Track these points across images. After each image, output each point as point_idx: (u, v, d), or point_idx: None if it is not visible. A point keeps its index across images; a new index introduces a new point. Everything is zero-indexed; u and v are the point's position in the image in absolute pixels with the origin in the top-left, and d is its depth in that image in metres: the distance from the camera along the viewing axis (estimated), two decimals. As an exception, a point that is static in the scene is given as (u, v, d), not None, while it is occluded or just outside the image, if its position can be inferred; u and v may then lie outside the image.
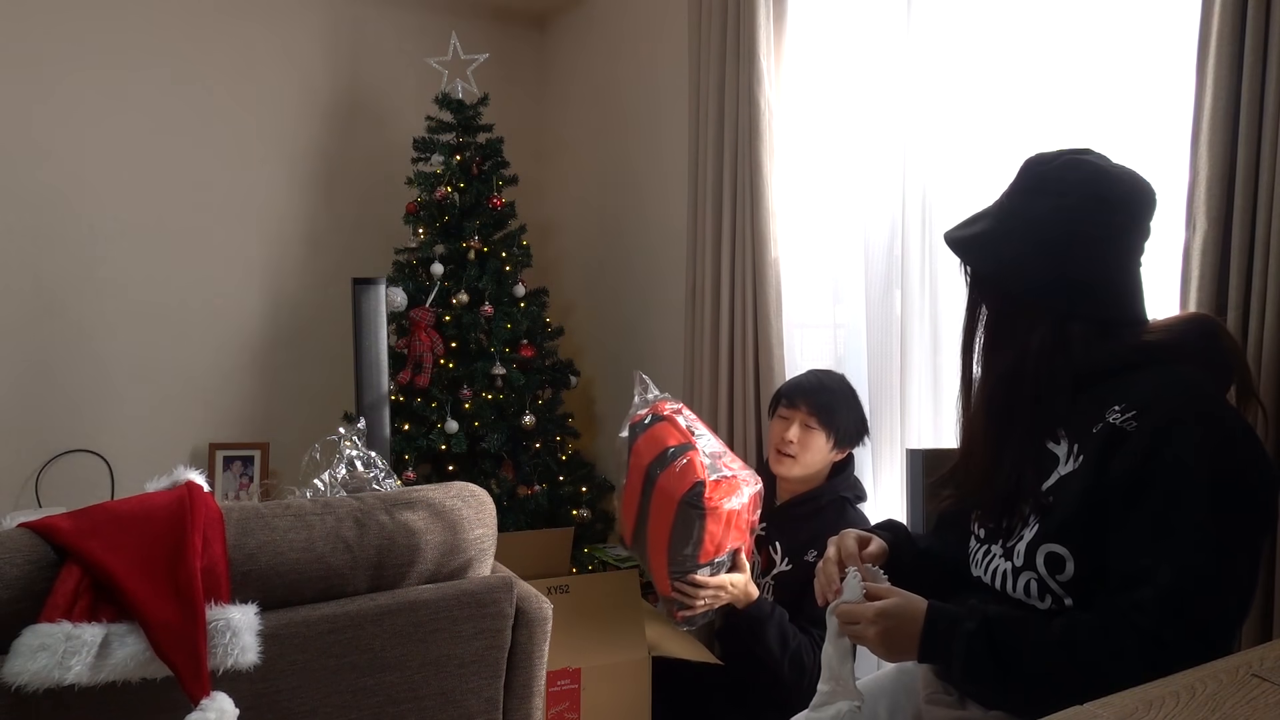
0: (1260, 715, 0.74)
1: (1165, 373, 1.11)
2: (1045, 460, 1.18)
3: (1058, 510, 1.13)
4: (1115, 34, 1.80)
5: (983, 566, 1.25)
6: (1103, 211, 1.17)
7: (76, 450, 3.27)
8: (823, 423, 2.03)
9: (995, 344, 1.24)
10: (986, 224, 1.25)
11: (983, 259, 1.25)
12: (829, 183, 2.48)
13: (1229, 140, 1.51)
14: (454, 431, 3.04)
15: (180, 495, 1.24)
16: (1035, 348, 1.18)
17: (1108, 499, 1.08)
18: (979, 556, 1.27)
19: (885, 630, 1.15)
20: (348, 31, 3.68)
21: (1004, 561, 1.20)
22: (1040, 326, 1.18)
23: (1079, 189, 1.17)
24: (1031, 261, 1.18)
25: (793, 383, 2.15)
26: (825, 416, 2.04)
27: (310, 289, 3.63)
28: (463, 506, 1.44)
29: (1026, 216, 1.20)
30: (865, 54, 2.31)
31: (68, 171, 3.22)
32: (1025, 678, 1.07)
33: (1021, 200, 1.22)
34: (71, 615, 1.08)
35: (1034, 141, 1.94)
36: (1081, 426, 1.14)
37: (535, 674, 1.49)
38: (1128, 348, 1.16)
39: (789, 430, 2.05)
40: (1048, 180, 1.20)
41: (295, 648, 1.26)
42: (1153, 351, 1.15)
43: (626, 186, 3.51)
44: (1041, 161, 1.23)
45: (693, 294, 2.80)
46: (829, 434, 2.04)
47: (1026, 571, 1.15)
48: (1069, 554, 1.11)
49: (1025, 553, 1.16)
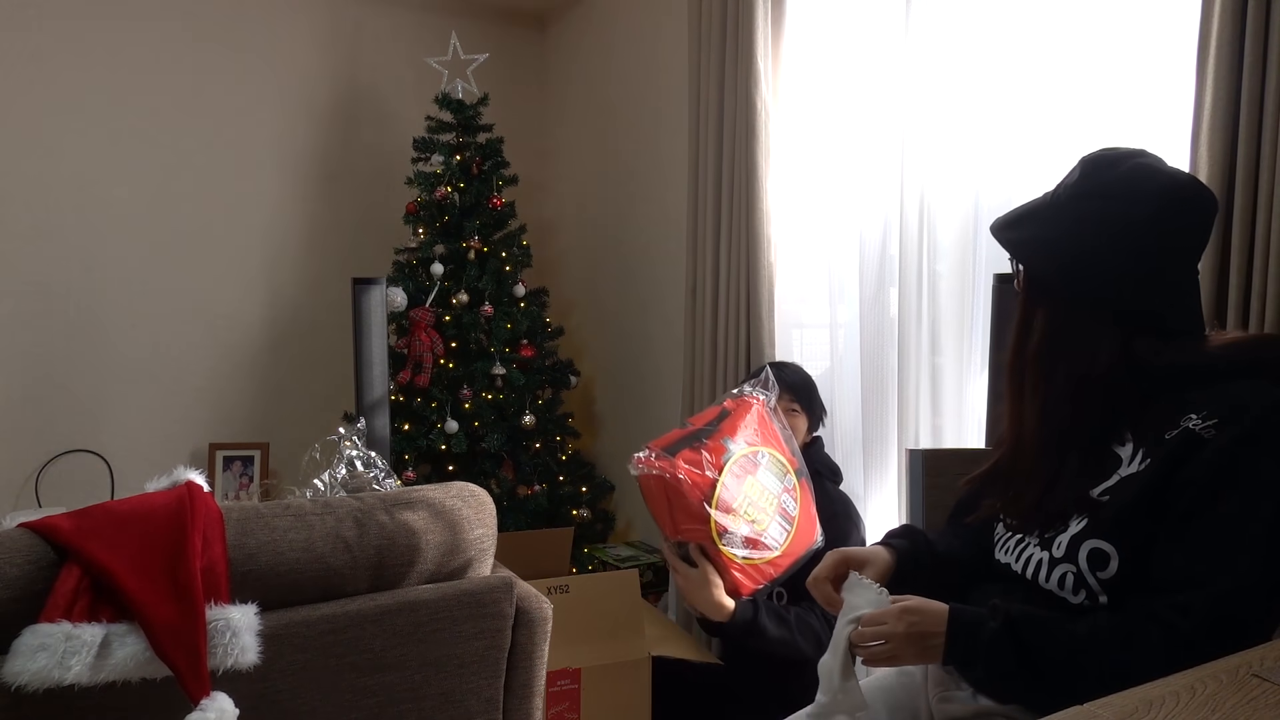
0: (1260, 715, 0.74)
1: (1249, 386, 1.10)
2: (1108, 463, 1.16)
3: (1111, 509, 1.12)
4: (1115, 34, 1.80)
5: (1014, 554, 1.24)
6: (1173, 220, 1.16)
7: (76, 450, 3.27)
8: (803, 405, 2.13)
9: (1057, 352, 1.21)
10: (1045, 226, 1.23)
11: (1044, 262, 1.23)
12: (827, 183, 2.48)
13: (1229, 140, 1.51)
14: (454, 431, 3.04)
15: (180, 495, 1.23)
16: (1104, 357, 1.16)
17: (1172, 503, 1.07)
18: (1010, 544, 1.26)
19: (911, 627, 1.14)
20: (348, 31, 3.68)
21: (1040, 551, 1.19)
22: (1106, 335, 1.17)
23: (1151, 200, 1.15)
24: (1098, 268, 1.17)
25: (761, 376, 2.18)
26: (804, 398, 2.13)
27: (310, 289, 3.63)
28: (463, 506, 1.44)
29: (1093, 221, 1.18)
30: (863, 54, 2.31)
31: (68, 171, 3.22)
32: (1050, 677, 1.07)
33: (1087, 205, 1.19)
34: (71, 615, 1.07)
35: (1034, 141, 1.94)
36: (1154, 431, 1.12)
37: (535, 674, 1.49)
38: (1206, 356, 1.15)
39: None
40: (1114, 185, 1.18)
41: (295, 648, 1.26)
42: (1233, 361, 1.14)
43: (627, 186, 3.51)
44: (1108, 164, 1.20)
45: (693, 294, 2.80)
46: (808, 415, 2.14)
47: (1065, 564, 1.14)
48: (1115, 552, 1.10)
49: (1069, 545, 1.14)
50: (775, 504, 1.80)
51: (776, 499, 1.81)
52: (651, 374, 3.38)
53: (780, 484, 1.82)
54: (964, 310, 2.11)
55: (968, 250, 2.09)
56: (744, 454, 1.79)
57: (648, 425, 3.36)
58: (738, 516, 1.73)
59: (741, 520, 1.73)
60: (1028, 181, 1.96)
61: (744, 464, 1.78)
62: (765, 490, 1.79)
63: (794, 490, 1.85)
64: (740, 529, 1.73)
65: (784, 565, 1.79)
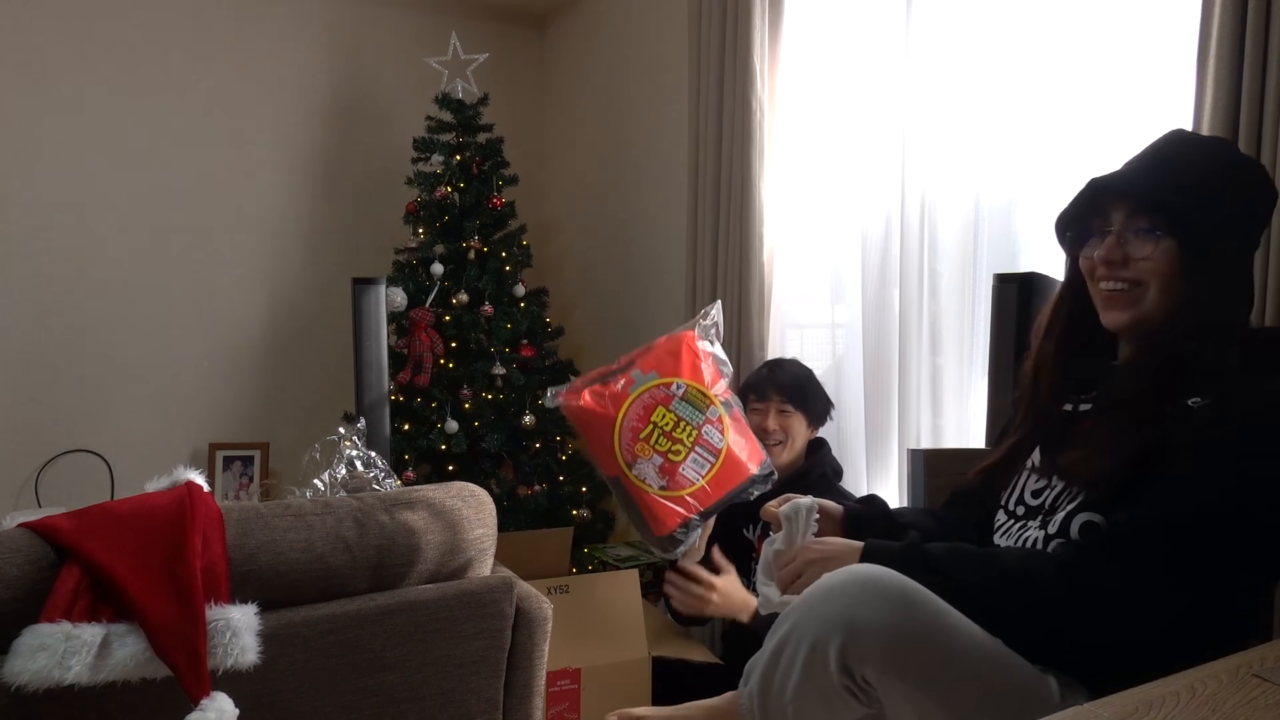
0: (1260, 715, 0.74)
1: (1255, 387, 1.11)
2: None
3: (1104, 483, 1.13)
4: (1115, 34, 1.80)
5: (1016, 538, 1.25)
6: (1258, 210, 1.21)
7: (76, 450, 3.27)
8: (797, 405, 2.10)
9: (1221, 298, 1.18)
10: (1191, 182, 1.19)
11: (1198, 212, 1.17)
12: (829, 183, 2.47)
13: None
14: (454, 431, 3.04)
15: (180, 495, 1.23)
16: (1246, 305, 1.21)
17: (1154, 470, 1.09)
18: (1012, 529, 1.27)
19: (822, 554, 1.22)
20: (348, 31, 3.68)
21: (1039, 530, 1.21)
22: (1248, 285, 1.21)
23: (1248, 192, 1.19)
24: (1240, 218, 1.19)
25: (757, 374, 2.20)
26: (798, 398, 2.11)
27: (310, 289, 3.63)
28: (463, 506, 1.44)
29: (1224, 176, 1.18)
30: (863, 54, 2.31)
31: (68, 171, 3.22)
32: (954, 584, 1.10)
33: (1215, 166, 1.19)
34: (71, 615, 1.07)
35: (1034, 141, 1.94)
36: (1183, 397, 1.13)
37: (535, 674, 1.49)
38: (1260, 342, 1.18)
39: (766, 421, 2.09)
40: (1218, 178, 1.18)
41: (295, 648, 1.26)
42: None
43: (627, 186, 3.51)
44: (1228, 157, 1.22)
45: (692, 294, 2.80)
46: (805, 413, 2.12)
47: (1059, 539, 1.16)
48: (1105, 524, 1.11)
49: (1062, 521, 1.16)
50: (693, 435, 1.78)
51: (696, 429, 1.78)
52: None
53: (701, 415, 1.80)
54: (965, 310, 2.11)
55: (969, 250, 2.09)
56: (654, 384, 1.78)
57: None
58: (646, 445, 1.73)
59: (652, 450, 1.73)
60: (1028, 181, 1.96)
61: (653, 394, 1.77)
62: (680, 421, 1.78)
63: (718, 421, 1.81)
64: (652, 459, 1.73)
65: (714, 496, 1.78)
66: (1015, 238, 2.00)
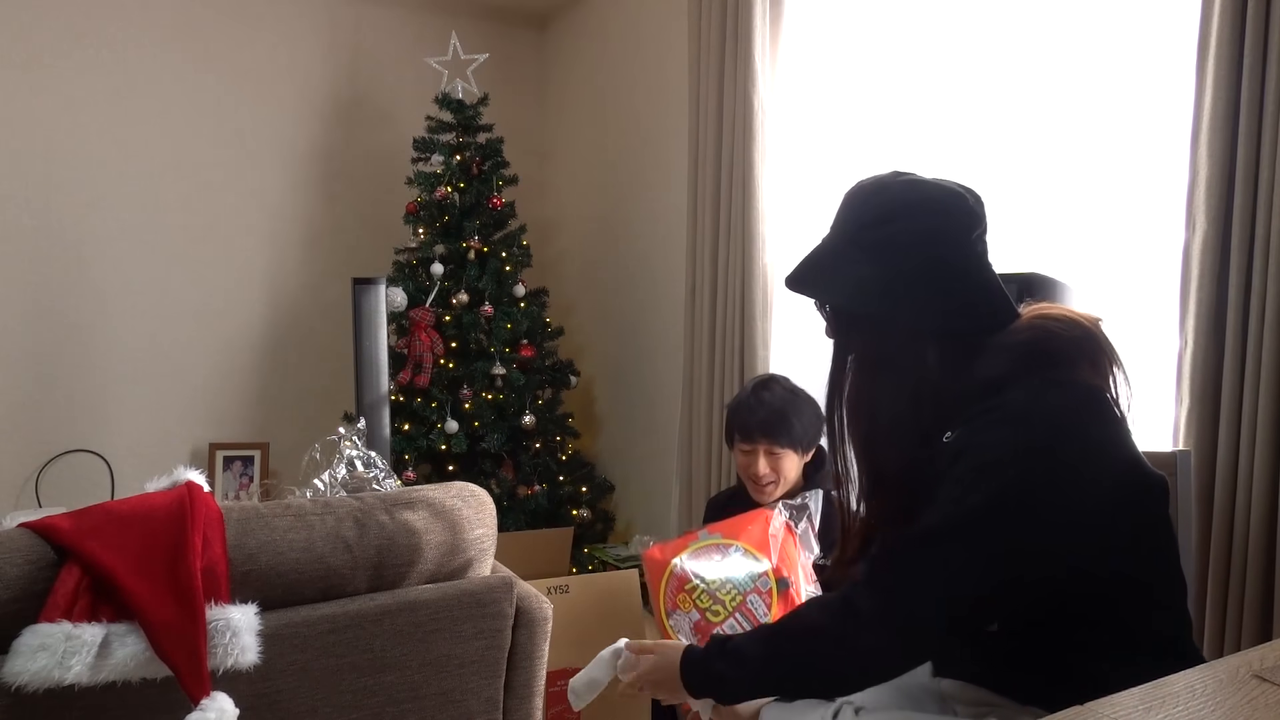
0: (1260, 715, 0.74)
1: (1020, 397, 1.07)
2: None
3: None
4: (1115, 34, 1.80)
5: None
6: (957, 221, 1.16)
7: (76, 450, 3.27)
8: (785, 444, 1.98)
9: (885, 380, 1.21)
10: (843, 263, 1.23)
11: (859, 298, 1.22)
12: (831, 183, 2.47)
13: (1229, 140, 1.51)
14: (454, 431, 3.04)
15: (180, 495, 1.23)
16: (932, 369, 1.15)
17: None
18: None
19: (654, 670, 1.22)
20: (348, 31, 3.68)
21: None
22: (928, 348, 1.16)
23: (912, 211, 1.17)
24: (907, 289, 1.16)
25: (741, 414, 2.03)
26: (785, 438, 1.97)
27: (310, 289, 3.63)
28: (463, 506, 1.44)
29: (887, 246, 1.18)
30: (864, 53, 2.31)
31: (68, 171, 3.22)
32: (757, 666, 1.11)
33: (874, 233, 1.20)
34: (71, 615, 1.07)
35: (1034, 141, 1.94)
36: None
37: (535, 674, 1.49)
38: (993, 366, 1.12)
39: (756, 465, 1.98)
40: (890, 208, 1.19)
41: (295, 648, 1.26)
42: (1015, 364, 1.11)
43: (627, 186, 3.51)
44: (873, 191, 1.23)
45: (692, 294, 2.80)
46: (794, 448, 1.99)
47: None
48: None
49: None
50: (738, 599, 1.73)
51: (742, 594, 1.73)
52: (651, 374, 3.38)
53: (750, 581, 1.74)
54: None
55: (968, 250, 2.09)
56: (713, 542, 1.78)
57: (647, 425, 3.36)
58: (688, 598, 1.71)
59: (693, 604, 1.71)
60: (1028, 181, 1.96)
61: (708, 550, 1.77)
62: (728, 581, 1.73)
63: (768, 594, 1.75)
64: (690, 614, 1.71)
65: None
66: (1015, 238, 2.00)
